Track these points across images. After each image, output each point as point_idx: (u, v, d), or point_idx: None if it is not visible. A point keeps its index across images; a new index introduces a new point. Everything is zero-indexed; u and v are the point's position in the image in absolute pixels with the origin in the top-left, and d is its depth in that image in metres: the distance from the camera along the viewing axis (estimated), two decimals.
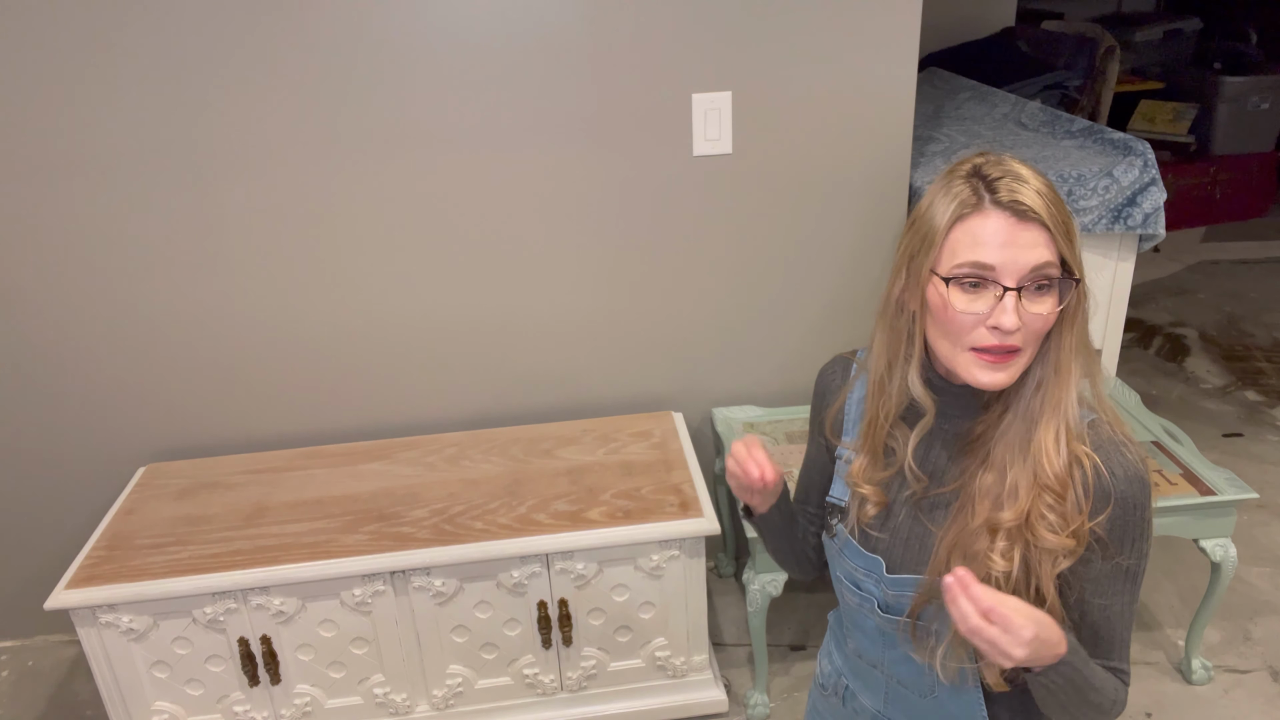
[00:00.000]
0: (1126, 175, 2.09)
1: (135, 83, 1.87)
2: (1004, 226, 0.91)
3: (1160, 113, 4.68)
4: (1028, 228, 0.91)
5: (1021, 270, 0.91)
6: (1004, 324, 0.91)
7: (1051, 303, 0.93)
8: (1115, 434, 0.97)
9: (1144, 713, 2.03)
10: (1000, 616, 0.84)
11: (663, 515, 1.85)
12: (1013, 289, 0.91)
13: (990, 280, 0.92)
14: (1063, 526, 0.95)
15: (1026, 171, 0.93)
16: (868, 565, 1.07)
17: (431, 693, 1.95)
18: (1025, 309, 0.91)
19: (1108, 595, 0.98)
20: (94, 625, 1.78)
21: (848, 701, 1.21)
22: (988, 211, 0.92)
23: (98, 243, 1.99)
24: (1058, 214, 0.91)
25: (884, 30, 1.97)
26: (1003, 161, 0.94)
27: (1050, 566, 0.96)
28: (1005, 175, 0.92)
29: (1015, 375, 0.95)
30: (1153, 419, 2.18)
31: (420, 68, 1.92)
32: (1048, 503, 0.95)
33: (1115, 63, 3.61)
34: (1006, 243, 0.91)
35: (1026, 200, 0.90)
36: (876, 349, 1.05)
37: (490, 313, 2.16)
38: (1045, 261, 0.91)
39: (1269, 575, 2.41)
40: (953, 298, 0.93)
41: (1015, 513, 0.95)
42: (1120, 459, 0.96)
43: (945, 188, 0.95)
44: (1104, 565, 0.97)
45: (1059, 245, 0.91)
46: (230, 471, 2.10)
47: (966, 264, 0.92)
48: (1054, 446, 0.95)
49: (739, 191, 2.09)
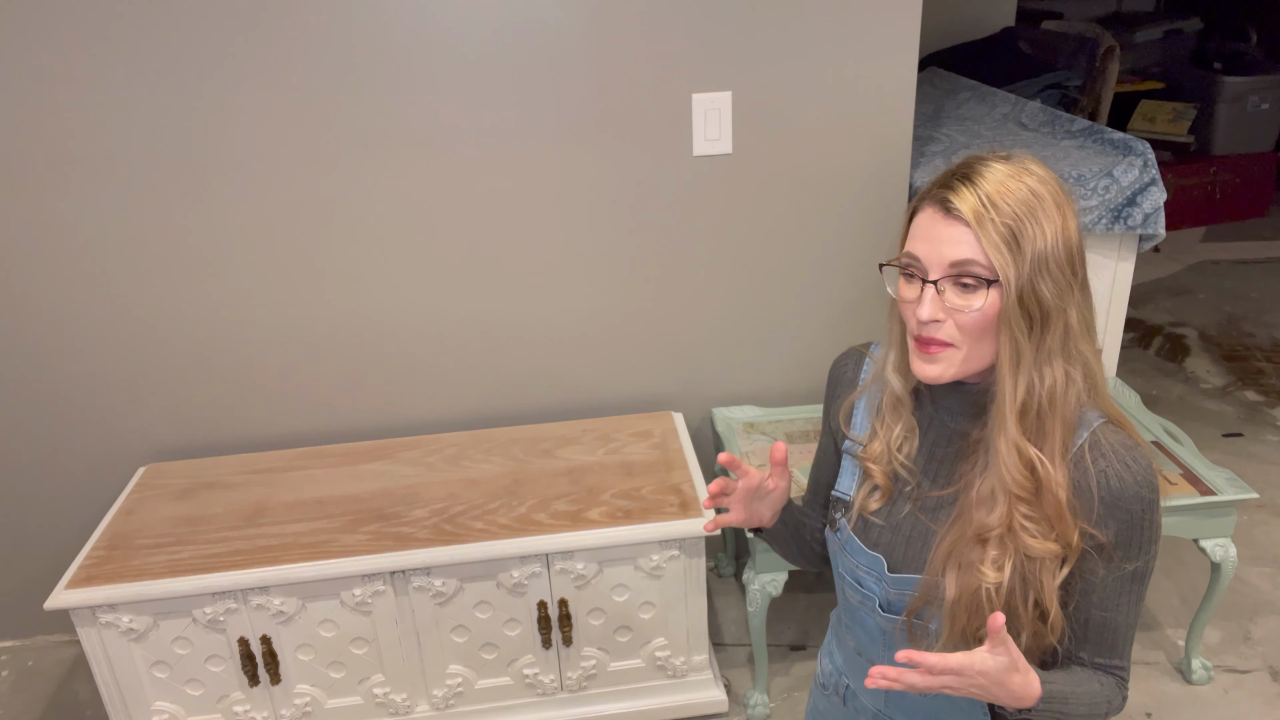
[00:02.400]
0: (1126, 175, 2.09)
1: (135, 83, 1.87)
2: (931, 220, 0.95)
3: (1160, 113, 4.68)
4: (951, 224, 0.93)
5: (942, 264, 0.94)
6: (920, 314, 0.95)
7: (978, 301, 0.93)
8: (1124, 438, 0.97)
9: (1144, 713, 2.03)
10: (954, 666, 0.86)
11: (663, 515, 1.85)
12: (930, 281, 0.94)
13: (918, 271, 0.96)
14: (1045, 532, 0.95)
15: (992, 172, 0.94)
16: (869, 563, 1.08)
17: (431, 693, 1.95)
18: (949, 303, 0.94)
19: (1115, 599, 0.98)
20: (94, 625, 1.78)
21: (849, 701, 1.21)
22: (927, 206, 0.96)
23: (98, 243, 1.99)
24: (996, 217, 0.91)
25: (884, 30, 1.97)
26: (977, 161, 0.96)
27: (1050, 578, 0.96)
28: (962, 174, 0.95)
29: (949, 370, 0.97)
30: (1153, 419, 2.18)
31: (420, 69, 1.92)
32: (1022, 511, 0.96)
33: (1115, 63, 3.61)
34: (930, 236, 0.95)
35: (954, 198, 0.93)
36: (885, 338, 1.09)
37: (490, 313, 2.16)
38: (965, 259, 0.92)
39: (1269, 575, 2.41)
40: (899, 285, 0.99)
41: (997, 517, 0.96)
42: (1126, 465, 0.95)
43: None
44: (1111, 572, 0.97)
45: (985, 247, 0.91)
46: (230, 471, 2.10)
47: (904, 254, 0.98)
48: (1006, 452, 0.95)
49: (739, 191, 2.09)
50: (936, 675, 0.86)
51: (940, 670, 0.85)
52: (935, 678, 0.86)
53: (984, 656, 0.87)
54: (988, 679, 0.87)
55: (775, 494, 1.11)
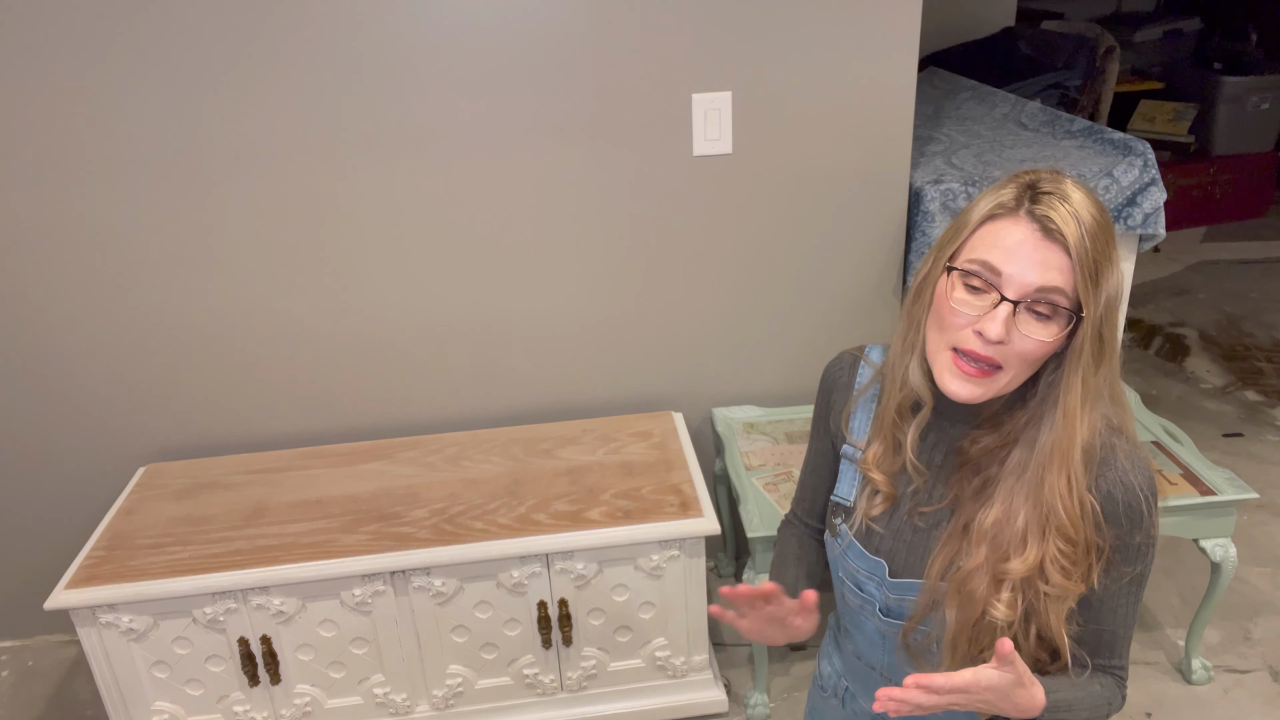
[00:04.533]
0: (1126, 175, 2.09)
1: (134, 81, 1.87)
2: (1025, 238, 0.89)
3: (1160, 113, 4.68)
4: (1049, 247, 0.88)
5: (1027, 286, 0.89)
6: (988, 331, 0.89)
7: (1050, 332, 0.90)
8: (1124, 442, 0.96)
9: (1144, 713, 2.03)
10: (960, 684, 0.85)
11: (663, 515, 1.85)
12: (1010, 301, 0.89)
13: (994, 286, 0.90)
14: (1073, 571, 0.94)
15: (1080, 197, 0.90)
16: (870, 568, 1.07)
17: (431, 693, 1.95)
18: (1018, 328, 0.90)
19: (1115, 604, 0.98)
20: (94, 625, 1.79)
21: (847, 703, 1.21)
22: (1018, 218, 0.90)
23: (98, 242, 1.99)
24: (1089, 247, 0.88)
25: (884, 30, 1.97)
26: (1061, 181, 0.91)
27: (1058, 616, 0.95)
28: (1054, 193, 0.90)
29: (987, 394, 0.93)
30: (1153, 419, 2.18)
31: (420, 68, 1.92)
32: (1060, 548, 0.93)
33: (1115, 63, 3.61)
34: (1020, 254, 0.89)
35: (1057, 220, 0.88)
36: (896, 335, 1.04)
37: (490, 312, 2.16)
38: (1054, 286, 0.88)
39: (1269, 575, 2.41)
40: (955, 290, 0.93)
41: (1025, 565, 0.93)
42: (1130, 473, 0.94)
43: (997, 188, 0.94)
44: (1111, 572, 0.97)
45: (1077, 278, 0.88)
46: (230, 471, 2.10)
47: (978, 262, 0.91)
48: (1068, 491, 0.92)
49: (739, 191, 2.09)
50: (944, 695, 0.85)
51: (947, 690, 0.84)
52: (942, 697, 0.85)
53: (989, 673, 0.86)
54: (994, 694, 0.86)
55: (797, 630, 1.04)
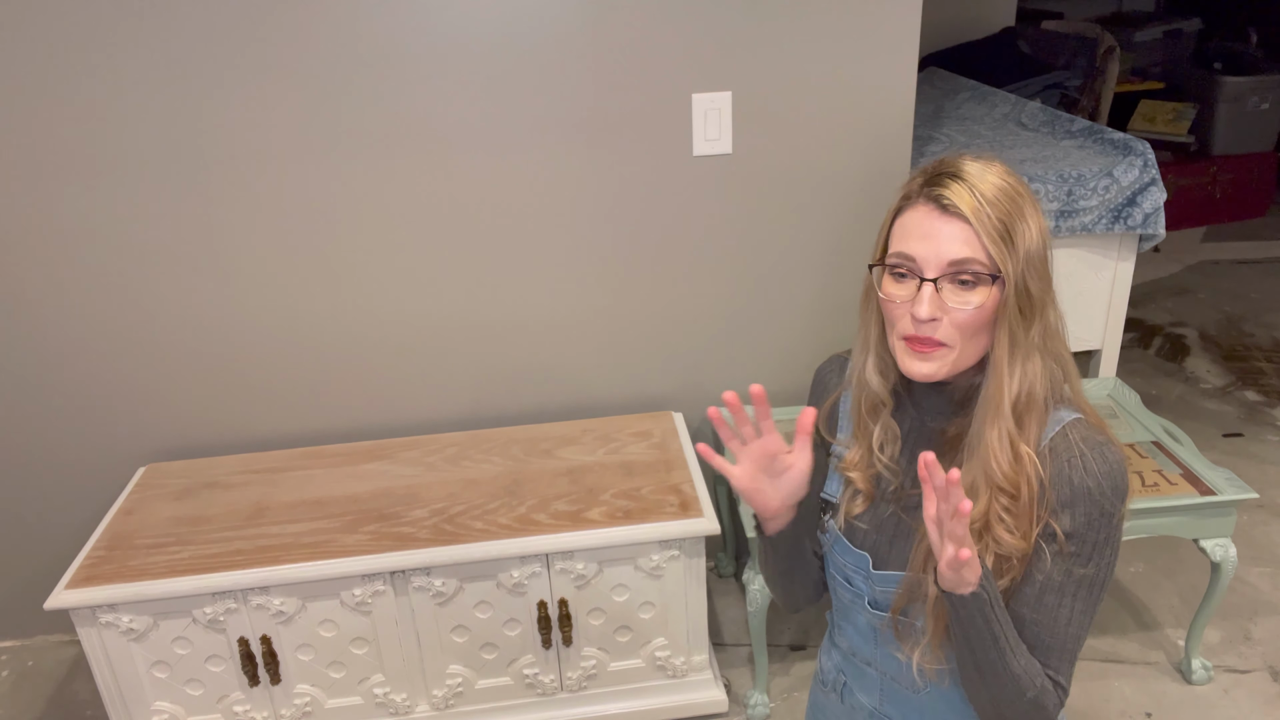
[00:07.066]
0: (1126, 175, 2.09)
1: (134, 81, 1.87)
2: (926, 219, 0.95)
3: (1160, 113, 4.68)
4: (949, 221, 0.93)
5: (940, 263, 0.94)
6: (918, 313, 0.94)
7: (977, 298, 0.94)
8: (1094, 434, 0.97)
9: (1144, 713, 2.03)
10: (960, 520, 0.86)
11: (663, 515, 1.85)
12: (929, 279, 0.94)
13: (913, 271, 0.96)
14: (1019, 527, 0.96)
15: (978, 169, 0.94)
16: (856, 561, 1.09)
17: (431, 693, 1.95)
18: (946, 301, 0.94)
19: (1058, 601, 0.97)
20: (94, 625, 1.79)
21: (846, 698, 1.22)
22: (919, 204, 0.96)
23: (98, 243, 1.99)
24: (990, 213, 0.92)
25: (884, 30, 1.97)
26: (959, 160, 0.96)
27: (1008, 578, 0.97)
28: (949, 172, 0.95)
29: (943, 368, 0.97)
30: (1153, 419, 2.18)
31: (420, 68, 1.92)
32: (1003, 504, 0.96)
33: (1115, 63, 3.61)
34: (927, 235, 0.95)
35: (950, 195, 0.93)
36: (856, 340, 1.09)
37: (490, 312, 2.16)
38: (965, 257, 0.93)
39: (1269, 575, 2.41)
40: (885, 285, 0.99)
41: (978, 511, 0.97)
42: (1099, 460, 0.96)
43: (905, 183, 1.00)
44: (1059, 565, 0.96)
45: (986, 243, 0.92)
46: (230, 471, 2.10)
47: (895, 254, 0.98)
48: (998, 445, 0.96)
49: (739, 191, 2.09)
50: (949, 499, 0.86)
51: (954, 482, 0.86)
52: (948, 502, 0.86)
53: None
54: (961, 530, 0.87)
55: (790, 477, 1.01)
